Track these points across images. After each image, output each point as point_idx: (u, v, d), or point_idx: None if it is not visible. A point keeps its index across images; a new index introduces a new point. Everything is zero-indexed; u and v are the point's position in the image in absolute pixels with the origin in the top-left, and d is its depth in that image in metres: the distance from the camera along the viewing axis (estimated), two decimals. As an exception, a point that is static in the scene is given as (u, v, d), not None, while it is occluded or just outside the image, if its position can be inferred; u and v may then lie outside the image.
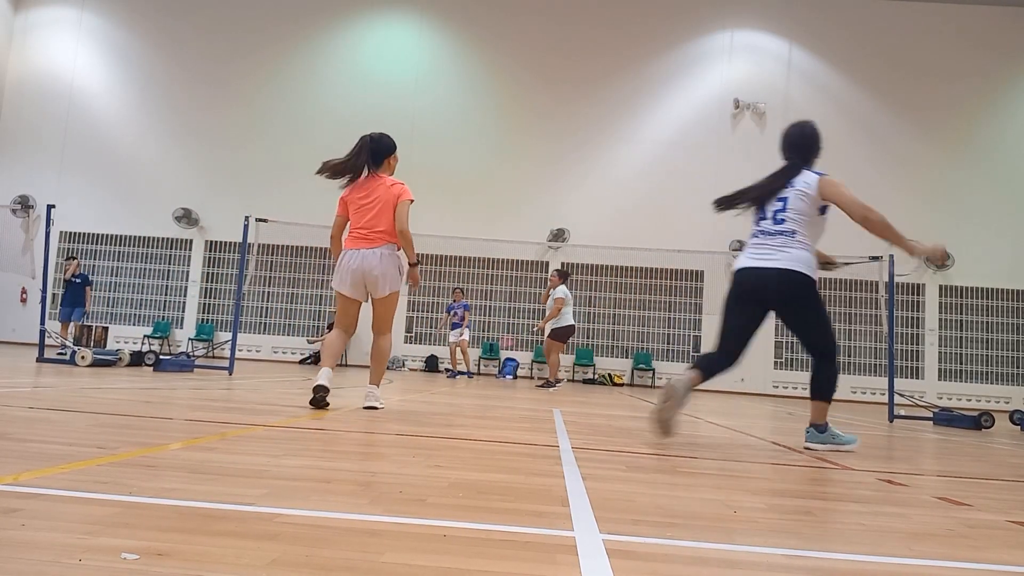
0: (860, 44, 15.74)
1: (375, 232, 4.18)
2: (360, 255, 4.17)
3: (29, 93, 16.32)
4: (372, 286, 4.21)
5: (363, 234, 4.20)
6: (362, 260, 4.15)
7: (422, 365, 15.09)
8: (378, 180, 4.27)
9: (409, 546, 1.29)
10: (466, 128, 15.81)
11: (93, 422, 2.87)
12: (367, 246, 4.18)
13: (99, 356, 7.76)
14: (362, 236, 4.20)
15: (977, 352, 14.99)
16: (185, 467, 1.95)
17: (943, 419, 7.16)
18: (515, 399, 6.80)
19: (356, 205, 4.24)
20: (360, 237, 4.21)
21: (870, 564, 1.41)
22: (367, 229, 4.19)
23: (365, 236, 4.19)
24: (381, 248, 4.17)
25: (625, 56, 15.88)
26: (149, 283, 15.81)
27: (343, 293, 4.24)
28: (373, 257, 4.14)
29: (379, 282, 4.17)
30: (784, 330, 16.53)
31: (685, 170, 15.43)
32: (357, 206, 4.24)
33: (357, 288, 4.22)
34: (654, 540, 1.47)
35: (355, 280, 4.19)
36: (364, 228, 4.20)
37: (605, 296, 15.44)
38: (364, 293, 4.26)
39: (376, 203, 4.19)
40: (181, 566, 1.09)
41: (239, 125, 15.94)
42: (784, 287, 3.65)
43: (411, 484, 1.92)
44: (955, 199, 15.07)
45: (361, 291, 4.25)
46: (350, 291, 4.22)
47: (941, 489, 2.57)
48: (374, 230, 4.18)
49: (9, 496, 1.48)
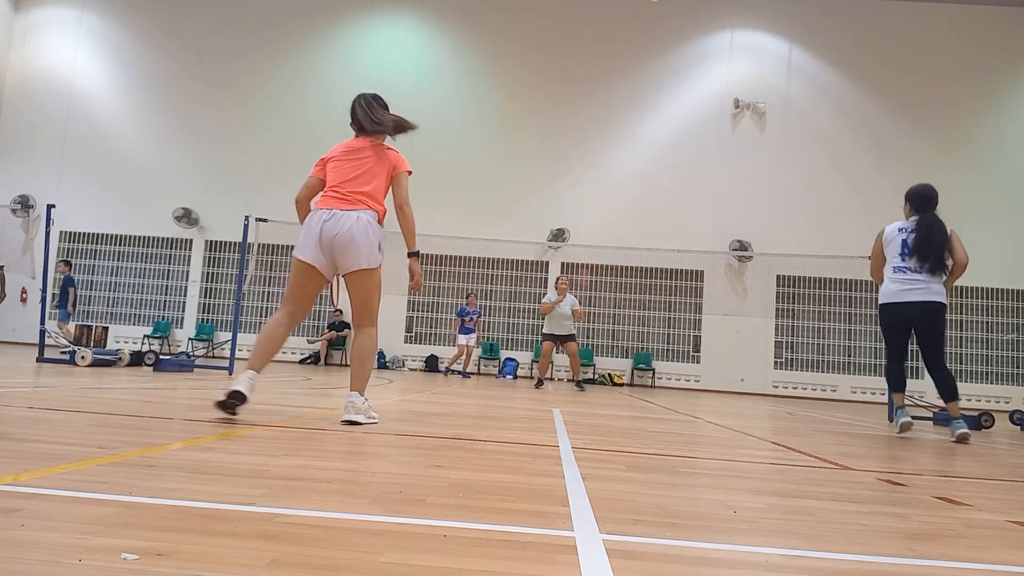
0: (860, 44, 15.74)
1: (358, 193, 3.36)
2: (332, 214, 3.32)
3: (29, 93, 16.32)
4: (342, 253, 3.30)
5: (341, 194, 3.37)
6: (334, 221, 3.30)
7: (422, 365, 15.09)
8: (370, 141, 3.52)
9: (409, 546, 1.29)
10: (466, 128, 15.81)
11: (93, 422, 2.87)
12: (344, 207, 3.33)
13: (99, 356, 7.76)
14: (339, 196, 3.36)
15: (977, 352, 15.00)
16: (185, 467, 1.95)
17: (943, 419, 7.15)
18: (515, 399, 6.80)
19: (338, 162, 3.44)
20: (336, 196, 3.37)
21: (870, 564, 1.41)
22: (347, 190, 3.37)
23: (343, 196, 3.36)
24: (360, 211, 3.33)
25: (625, 56, 15.88)
26: (149, 283, 15.82)
27: (301, 259, 3.35)
28: (348, 218, 3.30)
29: (350, 249, 3.28)
30: (784, 330, 16.52)
31: (685, 170, 15.44)
32: (339, 163, 3.43)
33: (322, 256, 3.33)
34: (654, 540, 1.47)
35: (323, 244, 3.30)
36: (343, 188, 3.38)
37: (605, 296, 15.45)
38: (331, 266, 3.38)
39: (365, 163, 3.42)
40: (181, 566, 1.09)
41: (239, 125, 15.95)
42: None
43: (411, 484, 1.92)
44: (955, 199, 15.02)
45: (327, 262, 3.35)
46: (311, 256, 3.33)
47: (941, 489, 2.57)
48: (357, 191, 3.36)
49: (9, 496, 1.48)
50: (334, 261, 3.36)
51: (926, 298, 4.84)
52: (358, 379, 3.45)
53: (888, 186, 15.18)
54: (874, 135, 15.48)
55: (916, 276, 4.88)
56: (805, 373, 15.02)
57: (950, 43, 15.66)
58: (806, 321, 15.19)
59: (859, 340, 15.05)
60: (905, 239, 4.99)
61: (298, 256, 3.37)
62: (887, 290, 5.00)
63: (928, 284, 4.87)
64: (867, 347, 14.97)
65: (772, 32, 15.90)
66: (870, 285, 14.44)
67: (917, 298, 4.85)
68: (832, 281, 15.03)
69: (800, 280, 15.16)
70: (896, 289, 4.93)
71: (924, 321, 4.86)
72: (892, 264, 5.01)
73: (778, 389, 14.89)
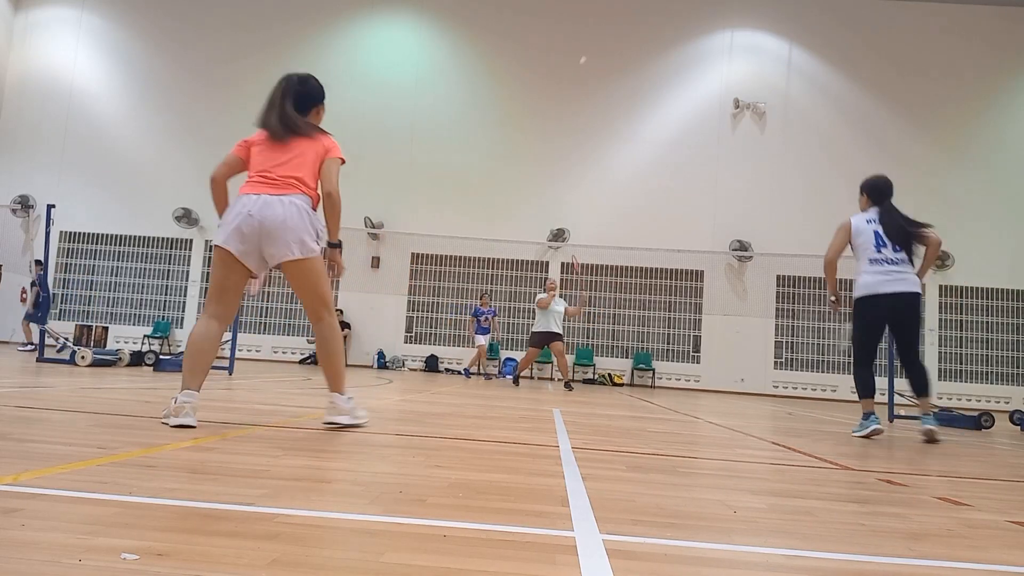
0: (860, 44, 15.75)
1: (287, 179, 3.00)
2: (260, 200, 2.95)
3: (29, 93, 16.33)
4: (269, 241, 2.93)
5: (268, 179, 3.01)
6: (262, 206, 2.93)
7: (422, 365, 15.09)
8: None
9: (409, 546, 1.29)
10: (466, 128, 15.82)
11: (93, 422, 2.87)
12: (272, 191, 2.97)
13: (99, 356, 7.76)
14: (266, 180, 3.00)
15: (977, 352, 15.00)
16: (185, 467, 1.95)
17: (943, 419, 7.15)
18: (515, 399, 6.80)
19: (264, 147, 3.09)
20: (262, 181, 3.01)
21: (870, 564, 1.41)
22: (277, 174, 3.01)
23: (271, 181, 3.00)
24: (292, 195, 2.97)
25: (625, 56, 15.88)
26: (149, 283, 15.82)
27: (222, 246, 2.95)
28: (277, 204, 2.93)
29: (279, 236, 2.92)
30: (784, 330, 16.51)
31: (685, 170, 15.44)
32: (265, 148, 3.08)
33: (249, 245, 2.94)
34: (654, 540, 1.47)
35: (249, 231, 2.92)
36: (273, 172, 3.02)
37: (605, 296, 15.45)
38: (257, 258, 3.00)
39: (293, 150, 3.06)
40: (181, 566, 1.09)
41: (239, 125, 15.80)
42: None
43: (411, 484, 1.92)
44: (955, 199, 15.07)
45: (254, 253, 2.97)
46: (233, 245, 2.94)
47: (941, 489, 2.57)
48: (286, 177, 3.01)
49: (9, 496, 1.48)
50: (260, 252, 2.98)
51: (907, 288, 4.67)
52: (332, 378, 3.14)
53: (888, 186, 15.20)
54: (874, 135, 15.48)
55: (894, 267, 4.72)
56: (805, 373, 15.02)
57: (950, 43, 15.66)
58: (806, 321, 15.19)
59: (859, 340, 15.03)
60: (876, 230, 4.82)
61: (218, 243, 2.97)
62: (865, 283, 4.79)
63: (906, 275, 4.71)
64: (867, 347, 14.95)
65: (772, 32, 15.90)
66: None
67: (899, 288, 4.67)
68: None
69: (800, 280, 15.16)
70: (875, 281, 4.74)
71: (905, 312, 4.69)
72: (867, 257, 4.82)
73: (778, 389, 14.89)
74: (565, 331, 10.63)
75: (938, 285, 15.05)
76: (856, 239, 4.91)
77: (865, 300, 4.80)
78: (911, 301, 4.69)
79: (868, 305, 4.78)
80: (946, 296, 15.15)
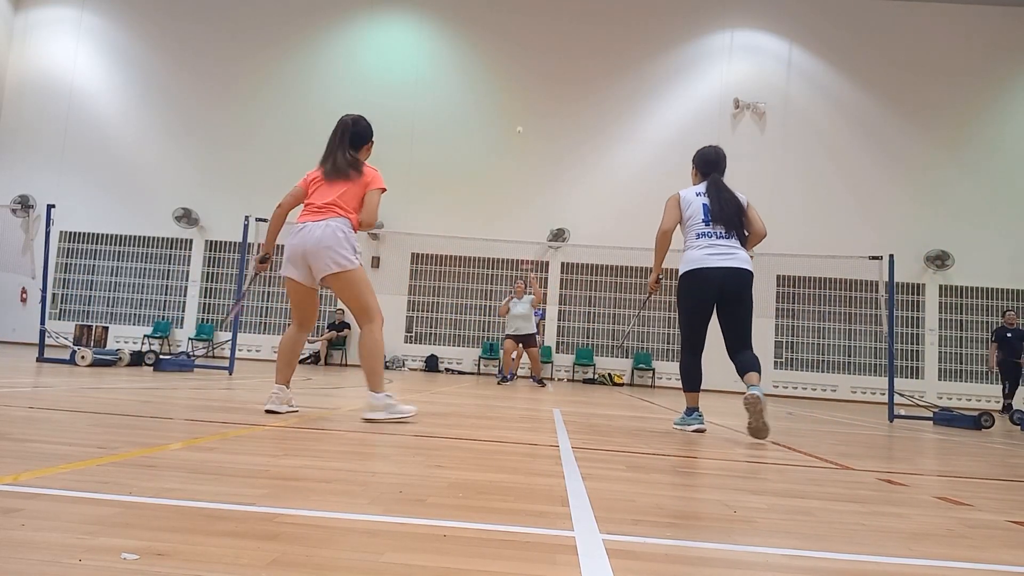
0: (860, 44, 15.74)
1: (329, 205, 3.56)
2: (304, 227, 3.55)
3: (29, 93, 16.33)
4: (313, 260, 3.50)
5: (316, 208, 3.57)
6: (305, 232, 3.52)
7: (422, 365, 15.09)
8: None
9: (409, 546, 1.29)
10: (466, 128, 15.81)
11: (93, 422, 2.87)
12: (314, 219, 3.55)
13: (99, 356, 7.76)
14: (315, 210, 3.57)
15: (977, 352, 14.99)
16: (185, 467, 1.95)
17: (943, 419, 7.16)
18: (515, 399, 6.80)
19: (320, 183, 3.65)
20: (312, 211, 3.58)
21: (870, 564, 1.41)
22: (321, 203, 3.58)
23: (318, 210, 3.56)
24: (330, 219, 3.51)
25: (625, 56, 15.88)
26: (149, 283, 15.82)
27: (285, 275, 3.63)
28: (317, 228, 3.50)
29: (318, 255, 3.47)
30: (784, 330, 16.46)
31: (685, 170, 15.34)
32: (321, 185, 3.64)
33: (300, 269, 3.57)
34: (654, 540, 1.47)
35: (298, 257, 3.55)
36: (316, 203, 3.60)
37: (605, 296, 15.45)
38: (311, 275, 3.60)
39: (341, 187, 3.60)
40: (181, 566, 1.09)
41: (239, 125, 15.95)
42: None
43: (411, 484, 1.92)
44: (955, 199, 15.06)
45: (306, 273, 3.59)
46: (295, 272, 3.59)
47: (941, 489, 2.57)
48: (329, 204, 3.56)
49: (9, 496, 1.48)
50: (310, 271, 3.56)
51: (736, 264, 4.25)
52: (368, 377, 3.66)
53: (888, 186, 15.21)
54: (874, 135, 15.48)
55: (724, 241, 4.32)
56: (805, 373, 15.02)
57: (950, 43, 15.66)
58: (806, 321, 15.19)
59: (859, 340, 15.04)
60: (705, 203, 4.44)
61: (283, 274, 3.64)
62: (691, 256, 4.36)
63: (736, 250, 4.31)
64: (867, 347, 14.97)
65: (772, 32, 15.90)
66: (870, 285, 14.44)
67: (727, 264, 4.24)
68: (832, 281, 15.02)
69: (800, 280, 15.16)
70: (702, 255, 4.31)
71: (733, 291, 4.25)
72: (695, 231, 4.42)
73: (778, 389, 14.88)
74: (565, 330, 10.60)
75: (938, 285, 15.05)
76: (686, 210, 4.51)
77: (692, 274, 4.33)
78: (743, 277, 4.27)
79: (696, 280, 4.31)
80: (946, 296, 15.15)
